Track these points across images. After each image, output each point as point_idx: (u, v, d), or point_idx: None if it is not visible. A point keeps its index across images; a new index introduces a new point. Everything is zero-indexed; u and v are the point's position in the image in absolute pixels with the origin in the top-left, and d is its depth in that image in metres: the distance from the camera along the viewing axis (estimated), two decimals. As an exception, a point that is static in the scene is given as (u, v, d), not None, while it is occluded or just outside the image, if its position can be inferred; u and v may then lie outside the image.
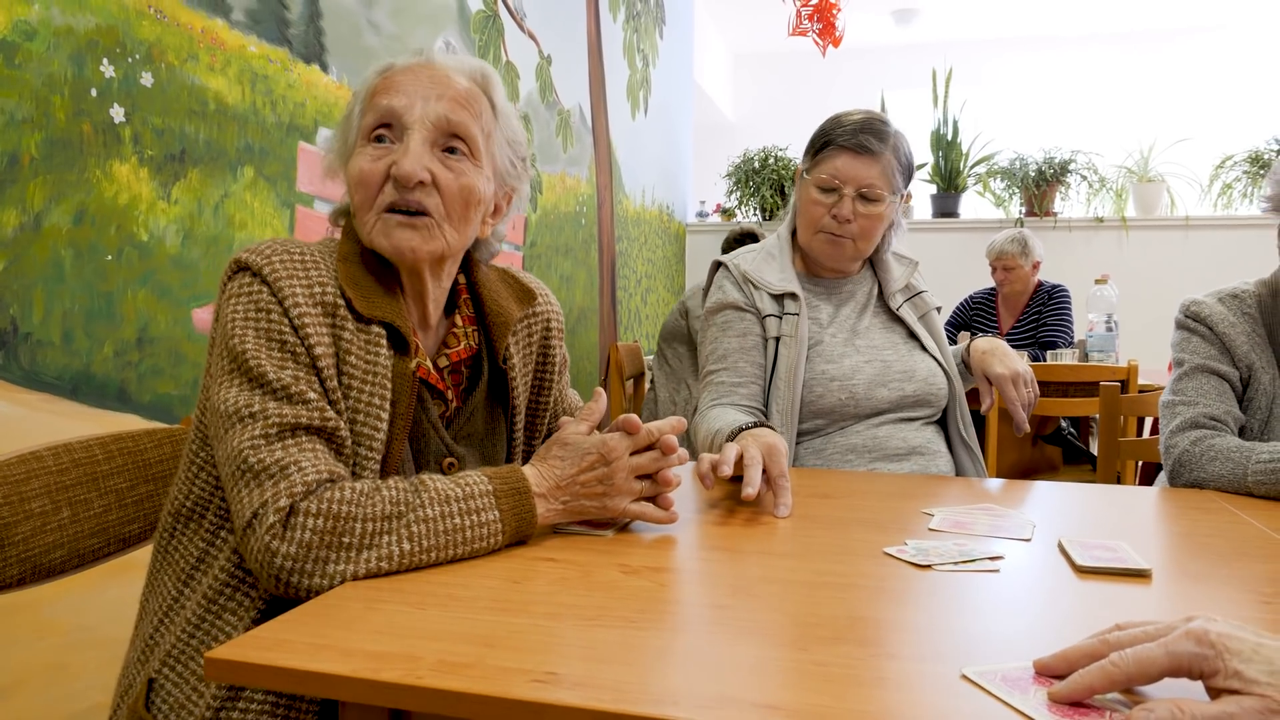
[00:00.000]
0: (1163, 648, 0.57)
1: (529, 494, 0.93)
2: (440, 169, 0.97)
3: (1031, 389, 1.54)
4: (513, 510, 0.91)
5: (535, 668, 0.63)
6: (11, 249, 1.40)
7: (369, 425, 0.93)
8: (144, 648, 0.95)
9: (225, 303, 0.94)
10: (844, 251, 1.60)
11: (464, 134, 0.98)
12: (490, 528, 0.90)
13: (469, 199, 0.99)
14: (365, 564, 0.83)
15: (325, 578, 0.82)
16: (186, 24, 1.71)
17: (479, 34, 2.94)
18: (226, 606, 0.91)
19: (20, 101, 1.40)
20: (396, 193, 0.95)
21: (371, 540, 0.84)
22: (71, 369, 1.50)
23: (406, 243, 0.96)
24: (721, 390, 1.56)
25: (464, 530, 0.88)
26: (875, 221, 1.58)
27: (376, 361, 0.95)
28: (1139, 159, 4.94)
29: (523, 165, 1.08)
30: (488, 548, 0.90)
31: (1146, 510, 1.19)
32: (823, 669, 0.64)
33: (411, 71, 0.99)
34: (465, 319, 1.09)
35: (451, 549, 0.87)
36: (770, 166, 5.34)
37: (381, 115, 0.97)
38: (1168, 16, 6.71)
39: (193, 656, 0.90)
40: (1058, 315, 3.63)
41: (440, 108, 0.97)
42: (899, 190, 1.60)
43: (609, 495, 0.98)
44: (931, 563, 0.89)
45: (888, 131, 1.58)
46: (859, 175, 1.55)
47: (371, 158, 0.97)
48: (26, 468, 1.02)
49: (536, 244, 3.43)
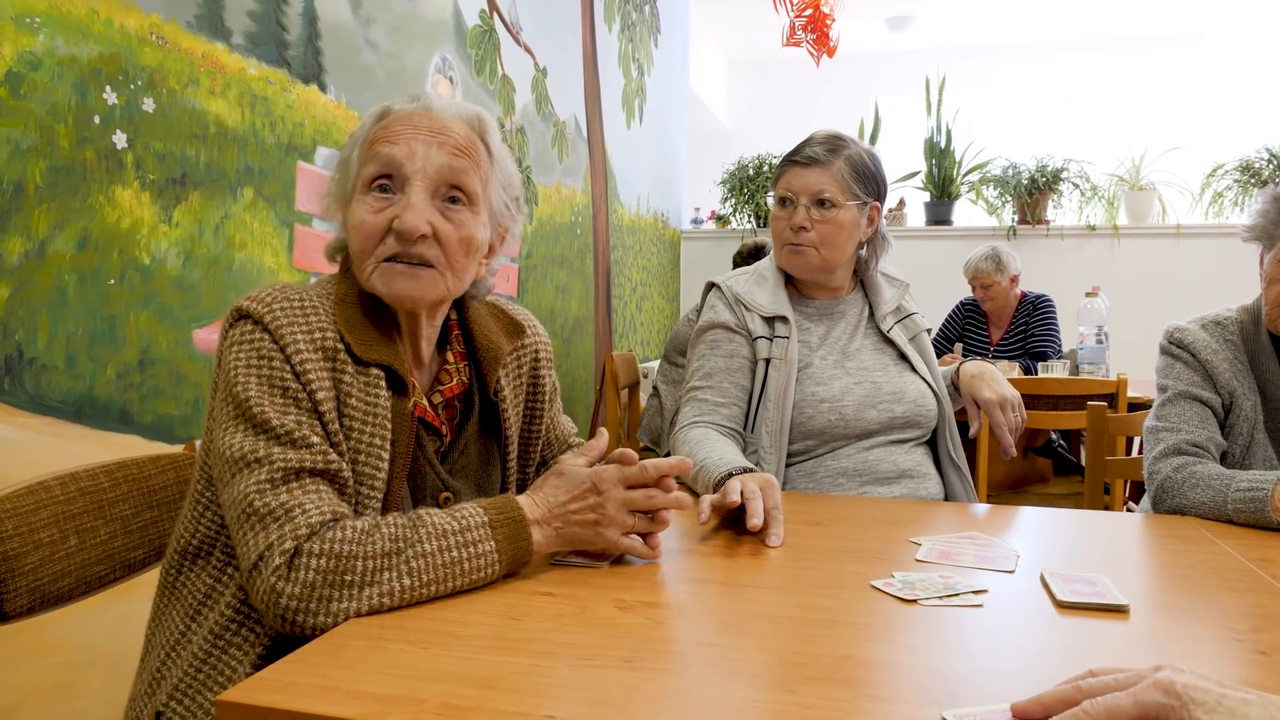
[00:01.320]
0: (1131, 697, 0.60)
1: (524, 522, 0.95)
2: (440, 221, 0.99)
3: (1019, 414, 1.57)
4: (508, 539, 0.94)
5: (534, 710, 0.66)
6: (17, 276, 1.42)
7: (370, 465, 0.96)
8: (151, 681, 0.97)
9: (228, 350, 0.96)
10: (808, 261, 1.63)
11: (463, 184, 1.00)
12: (487, 558, 0.92)
13: (468, 248, 1.02)
14: (367, 600, 0.86)
15: (329, 616, 0.85)
16: (187, 49, 1.74)
17: (475, 49, 2.97)
18: (232, 642, 0.94)
19: (25, 131, 1.42)
20: (398, 245, 0.97)
21: (373, 578, 0.86)
22: (75, 392, 1.53)
23: (407, 292, 0.99)
24: (703, 409, 1.59)
25: (462, 563, 0.90)
26: (834, 228, 1.61)
27: (376, 403, 0.97)
28: (1130, 167, 4.98)
29: (516, 205, 1.11)
30: (486, 578, 0.93)
31: (1128, 539, 1.23)
32: (808, 712, 0.66)
33: (410, 119, 1.01)
34: (456, 355, 1.12)
35: (450, 581, 0.90)
36: (764, 174, 5.38)
37: (383, 165, 0.98)
38: (1155, 23, 6.76)
39: (200, 691, 0.93)
40: (1044, 326, 3.66)
41: (441, 158, 0.99)
42: (860, 198, 1.63)
43: (601, 525, 0.99)
44: (917, 597, 0.92)
45: (841, 144, 1.63)
46: (809, 184, 1.61)
47: (373, 209, 0.98)
48: (35, 498, 1.05)
49: (532, 255, 3.45)
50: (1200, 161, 5.00)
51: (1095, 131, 6.53)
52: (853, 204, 1.61)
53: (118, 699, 1.51)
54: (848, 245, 1.64)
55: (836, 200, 1.60)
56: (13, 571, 0.99)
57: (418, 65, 2.61)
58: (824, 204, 1.60)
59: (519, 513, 0.96)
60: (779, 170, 1.68)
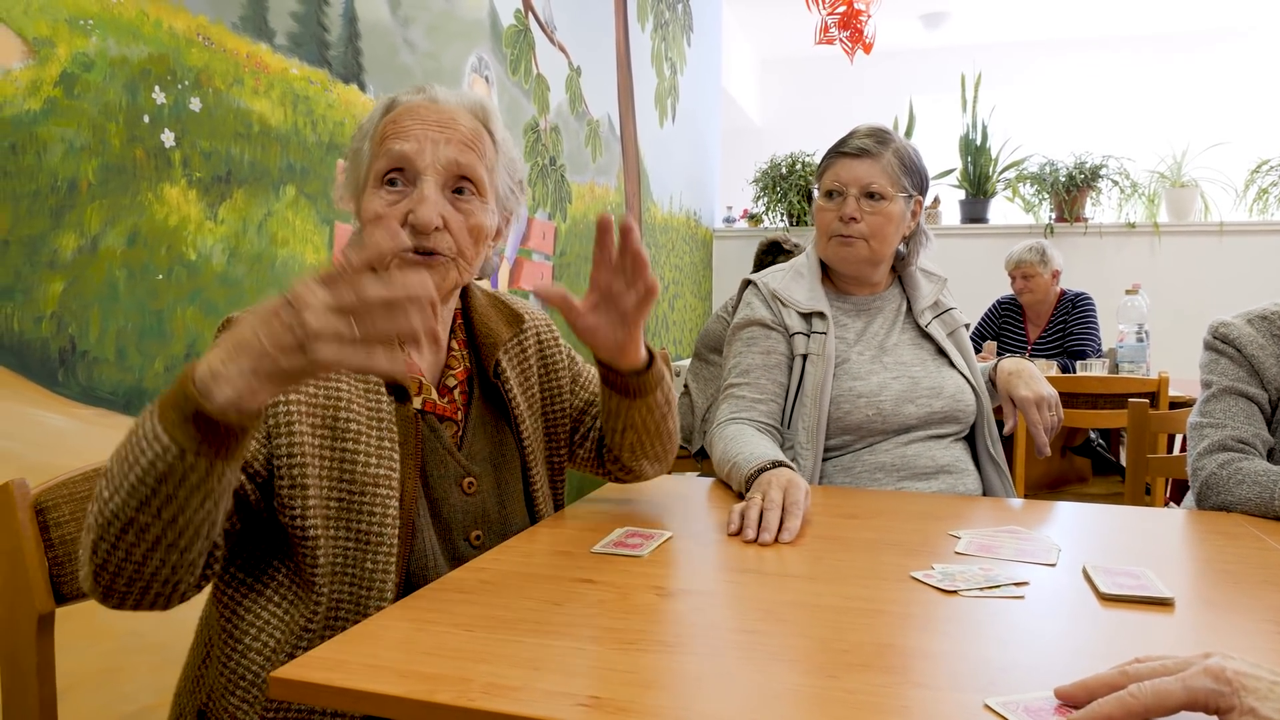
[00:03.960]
0: (1180, 682, 0.59)
1: (184, 371, 0.75)
2: (451, 212, 1.02)
3: (1056, 413, 1.55)
4: (169, 396, 0.75)
5: (579, 691, 0.67)
6: (70, 270, 1.46)
7: (384, 466, 0.99)
8: (195, 676, 1.00)
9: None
10: (857, 252, 1.62)
11: (472, 175, 1.04)
12: (148, 430, 0.75)
13: (478, 236, 1.05)
14: (91, 534, 0.80)
15: (88, 565, 0.81)
16: (233, 50, 1.77)
17: (510, 48, 2.99)
18: (279, 629, 0.96)
19: (79, 130, 1.46)
20: (413, 238, 1.00)
21: (92, 510, 0.80)
22: (125, 384, 1.57)
23: None
24: (741, 405, 1.60)
25: (132, 448, 0.76)
26: (884, 220, 1.61)
27: (379, 407, 1.01)
28: (1172, 164, 4.90)
29: (520, 188, 1.14)
30: (160, 451, 0.74)
31: (1172, 534, 1.21)
32: (851, 697, 0.67)
33: (417, 113, 1.03)
34: (459, 343, 1.15)
35: (130, 472, 0.76)
36: (797, 172, 5.36)
37: (394, 161, 1.01)
38: (1198, 19, 6.64)
39: (243, 682, 0.95)
40: (1083, 324, 3.62)
41: (449, 152, 1.02)
42: (908, 191, 1.63)
43: (306, 344, 0.69)
44: (957, 588, 0.92)
45: (888, 138, 1.64)
46: (859, 175, 1.60)
47: (386, 203, 1.02)
48: (89, 485, 1.07)
49: (566, 253, 3.47)
50: (1244, 157, 4.91)
51: (1135, 128, 6.43)
52: (900, 197, 1.61)
53: (162, 684, 1.55)
54: (894, 238, 1.64)
55: (885, 192, 1.60)
56: (69, 555, 1.02)
57: (454, 65, 2.64)
58: (873, 196, 1.60)
59: (183, 370, 0.76)
60: (825, 163, 1.67)
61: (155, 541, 0.78)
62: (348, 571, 0.97)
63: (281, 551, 0.99)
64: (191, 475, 0.75)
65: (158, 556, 0.80)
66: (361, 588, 0.97)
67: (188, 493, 0.76)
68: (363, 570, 0.97)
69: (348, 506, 0.97)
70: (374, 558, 0.97)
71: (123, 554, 0.79)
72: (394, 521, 0.98)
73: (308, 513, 0.95)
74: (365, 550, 0.97)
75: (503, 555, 1.04)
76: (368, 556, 0.97)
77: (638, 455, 1.22)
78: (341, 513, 0.97)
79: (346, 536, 0.97)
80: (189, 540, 0.80)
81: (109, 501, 0.78)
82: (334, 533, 0.97)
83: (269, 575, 0.99)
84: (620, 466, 1.26)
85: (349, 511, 0.97)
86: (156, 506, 0.76)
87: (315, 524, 0.95)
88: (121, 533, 0.78)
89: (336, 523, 0.97)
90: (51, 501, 1.00)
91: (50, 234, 1.43)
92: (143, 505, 0.76)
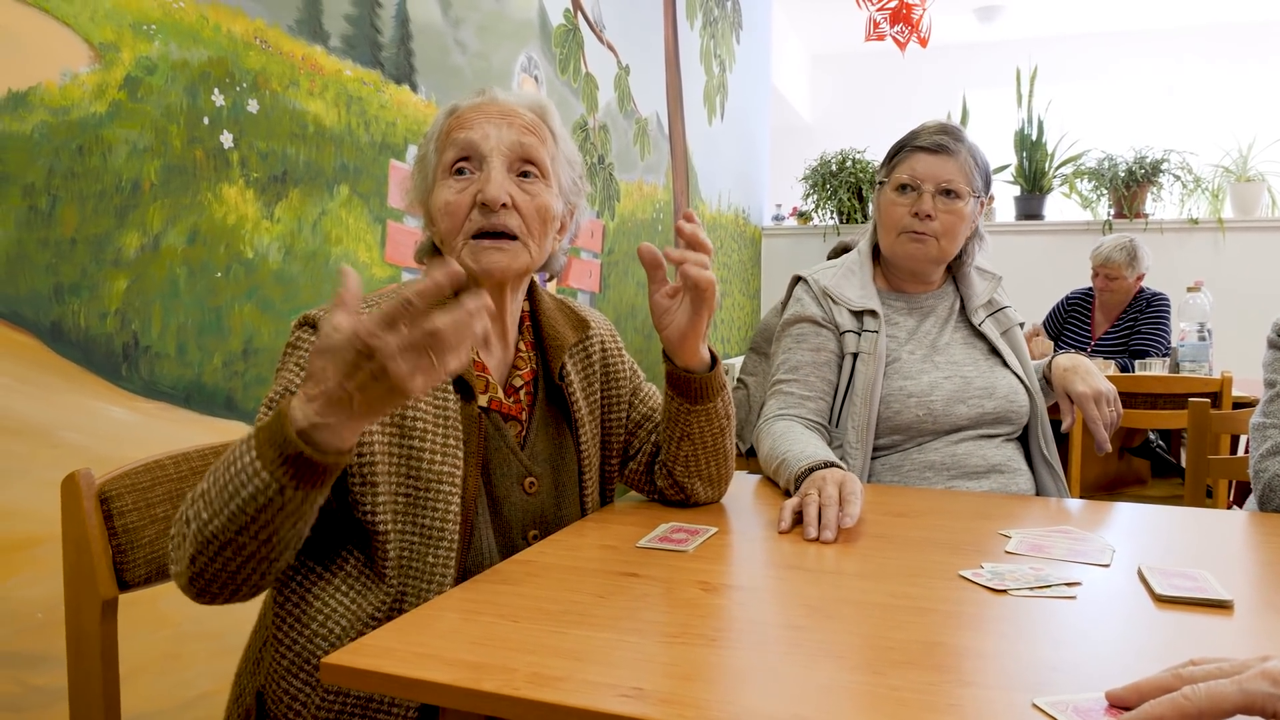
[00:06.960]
0: (1236, 685, 0.58)
1: (282, 414, 0.79)
2: (518, 192, 1.06)
3: (1114, 408, 1.52)
4: (267, 434, 0.80)
5: (622, 683, 0.68)
6: (134, 268, 1.51)
7: (449, 464, 1.02)
8: (255, 659, 1.03)
9: (286, 353, 1.03)
10: (928, 251, 1.60)
11: (534, 158, 1.08)
12: (246, 459, 0.81)
13: (545, 216, 1.09)
14: (190, 546, 0.86)
15: (180, 577, 0.90)
16: (289, 52, 1.81)
17: (560, 48, 3.01)
18: (336, 622, 0.99)
19: (142, 132, 1.51)
20: (483, 218, 1.04)
21: (185, 530, 0.88)
22: (185, 379, 1.61)
23: (495, 264, 1.06)
24: (789, 402, 1.58)
25: (232, 480, 0.82)
26: (957, 219, 1.58)
27: (446, 406, 1.04)
28: (1237, 158, 4.75)
29: (582, 182, 1.18)
30: (260, 486, 0.80)
31: (1232, 536, 1.18)
32: (897, 694, 0.66)
33: (480, 109, 1.09)
34: (527, 344, 1.18)
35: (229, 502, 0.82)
36: (848, 169, 5.30)
37: (461, 149, 1.07)
38: (1263, 7, 6.41)
39: (304, 670, 0.98)
40: (1155, 323, 3.49)
41: (512, 135, 1.07)
42: (978, 192, 1.60)
43: (394, 386, 0.75)
44: (1007, 587, 0.91)
45: (962, 135, 1.62)
46: (937, 172, 1.57)
47: (456, 189, 1.06)
48: (151, 476, 1.11)
49: (614, 251, 3.48)
50: (1314, 150, 4.75)
51: (1197, 122, 6.25)
52: (973, 197, 1.59)
53: (221, 671, 1.59)
54: (963, 238, 1.62)
55: (961, 191, 1.58)
56: (132, 543, 1.05)
57: (504, 65, 2.66)
58: (949, 194, 1.58)
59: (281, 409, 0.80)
60: (899, 156, 1.63)
61: (250, 556, 0.86)
62: (412, 565, 1.00)
63: (352, 541, 1.02)
64: (289, 505, 0.82)
65: (250, 567, 0.87)
66: (423, 581, 1.00)
67: (284, 519, 0.83)
68: (425, 564, 1.00)
69: (413, 502, 1.01)
70: (435, 552, 1.00)
71: (219, 566, 0.86)
72: (455, 517, 1.02)
73: (378, 508, 0.98)
74: (428, 545, 1.00)
75: (549, 548, 1.05)
76: (430, 551, 1.00)
77: (691, 472, 1.22)
78: (408, 508, 1.01)
79: (412, 531, 1.01)
80: (279, 553, 0.87)
81: (208, 523, 0.84)
82: (401, 527, 1.00)
83: (338, 564, 1.01)
84: (671, 483, 1.24)
85: (414, 507, 1.01)
86: (254, 530, 0.83)
87: (385, 519, 0.99)
88: (220, 550, 0.85)
89: (403, 518, 1.01)
90: (115, 491, 1.04)
91: (115, 233, 1.48)
92: (242, 530, 0.83)
